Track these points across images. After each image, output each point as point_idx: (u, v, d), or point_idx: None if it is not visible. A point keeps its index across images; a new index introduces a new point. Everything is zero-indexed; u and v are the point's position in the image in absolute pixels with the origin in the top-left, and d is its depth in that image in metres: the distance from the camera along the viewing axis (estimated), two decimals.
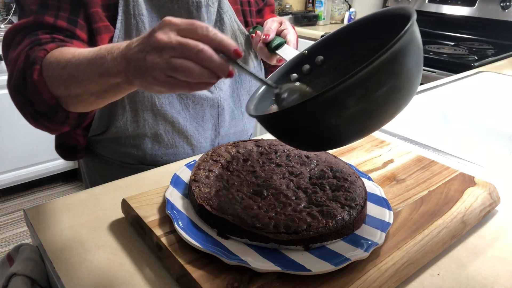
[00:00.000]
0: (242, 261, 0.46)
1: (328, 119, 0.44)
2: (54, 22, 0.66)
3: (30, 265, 0.56)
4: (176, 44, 0.44)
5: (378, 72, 0.41)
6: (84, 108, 0.62)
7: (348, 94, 0.41)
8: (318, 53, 0.63)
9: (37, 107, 0.60)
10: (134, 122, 0.78)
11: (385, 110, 0.45)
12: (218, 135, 0.88)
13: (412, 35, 0.43)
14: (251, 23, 0.92)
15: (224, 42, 0.46)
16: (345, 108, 0.42)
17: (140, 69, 0.47)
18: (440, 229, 0.55)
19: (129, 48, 0.49)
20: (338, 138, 0.47)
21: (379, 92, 0.42)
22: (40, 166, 2.23)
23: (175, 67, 0.44)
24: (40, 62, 0.59)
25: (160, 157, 0.82)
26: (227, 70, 0.47)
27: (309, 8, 2.75)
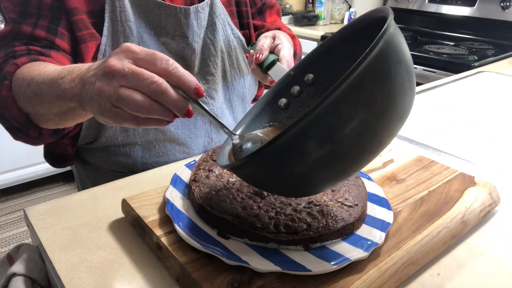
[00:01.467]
0: (242, 261, 0.46)
1: (291, 168, 0.37)
2: (32, 31, 0.64)
3: (30, 265, 0.56)
4: (128, 72, 0.40)
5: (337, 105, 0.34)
6: (54, 126, 0.60)
7: (306, 137, 0.35)
8: (307, 71, 0.57)
9: (11, 122, 0.59)
10: (124, 131, 0.76)
11: (363, 148, 0.38)
12: (211, 142, 0.87)
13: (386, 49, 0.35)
14: (247, 25, 0.89)
15: (183, 78, 0.42)
16: (306, 154, 0.36)
17: (90, 94, 0.43)
18: (440, 229, 0.55)
19: (88, 70, 0.45)
20: (314, 185, 0.41)
21: (346, 130, 0.35)
22: (40, 166, 2.23)
23: (121, 97, 0.40)
24: (9, 78, 0.57)
25: (151, 165, 0.80)
26: (184, 108, 0.42)
27: (309, 8, 2.75)
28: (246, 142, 0.50)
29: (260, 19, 0.94)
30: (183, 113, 0.43)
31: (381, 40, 0.35)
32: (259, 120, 0.58)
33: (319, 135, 0.35)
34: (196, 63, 0.80)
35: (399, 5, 2.40)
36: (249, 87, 0.90)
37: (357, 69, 0.34)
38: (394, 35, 0.37)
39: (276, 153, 0.36)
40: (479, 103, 1.18)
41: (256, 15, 0.94)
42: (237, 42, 0.86)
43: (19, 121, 0.59)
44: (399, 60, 0.37)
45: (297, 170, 0.37)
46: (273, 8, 0.96)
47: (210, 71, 0.82)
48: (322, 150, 0.35)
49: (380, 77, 0.35)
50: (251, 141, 0.50)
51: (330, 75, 0.55)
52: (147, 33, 0.74)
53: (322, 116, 0.34)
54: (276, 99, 0.59)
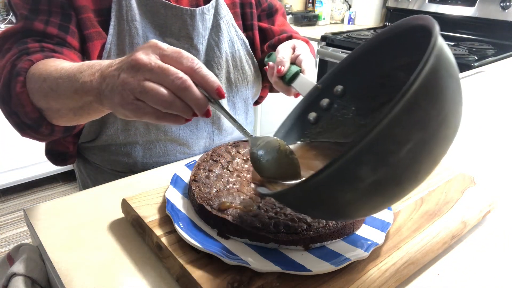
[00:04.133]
0: (242, 261, 0.46)
1: (342, 195, 0.36)
2: (44, 28, 0.64)
3: (30, 265, 0.56)
4: (155, 66, 0.41)
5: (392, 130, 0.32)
6: (66, 123, 0.60)
7: (358, 163, 0.33)
8: (335, 83, 0.55)
9: (22, 119, 0.59)
10: (125, 130, 0.77)
11: (418, 169, 0.36)
12: (212, 143, 0.87)
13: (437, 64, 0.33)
14: (250, 27, 0.89)
15: (207, 78, 0.43)
16: (359, 180, 0.34)
17: (111, 86, 0.44)
18: (440, 229, 0.55)
19: (109, 65, 0.46)
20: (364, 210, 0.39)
21: (401, 153, 0.33)
22: (40, 166, 2.23)
23: (146, 90, 0.41)
24: (24, 74, 0.57)
25: (151, 166, 0.80)
26: (204, 107, 0.43)
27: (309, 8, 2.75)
28: (263, 146, 0.49)
29: (268, 22, 0.94)
30: (202, 112, 0.43)
31: (431, 56, 0.32)
32: (290, 136, 0.56)
33: (373, 160, 0.33)
34: None
35: (399, 5, 2.40)
36: (251, 89, 0.90)
37: (410, 89, 0.31)
38: (443, 48, 0.34)
39: (325, 182, 0.34)
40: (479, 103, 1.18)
41: (264, 17, 0.94)
42: (241, 43, 0.87)
43: (32, 117, 0.58)
44: (450, 74, 0.35)
45: (347, 197, 0.36)
46: (280, 11, 0.97)
47: (214, 72, 0.82)
48: (376, 175, 0.33)
49: (434, 94, 0.33)
50: (268, 146, 0.49)
51: (361, 85, 0.53)
52: (152, 33, 0.75)
53: (376, 140, 0.32)
54: (306, 114, 0.57)
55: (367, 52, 0.52)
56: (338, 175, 0.34)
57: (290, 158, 0.49)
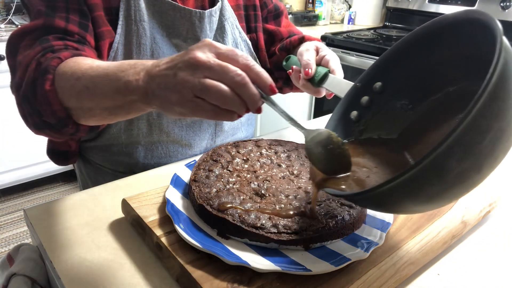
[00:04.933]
0: (242, 261, 0.46)
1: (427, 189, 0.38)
2: (65, 26, 0.63)
3: (30, 265, 0.56)
4: (214, 64, 0.42)
5: (477, 121, 0.34)
6: (96, 122, 0.59)
7: (447, 157, 0.35)
8: (374, 80, 0.56)
9: (45, 118, 0.57)
10: (128, 130, 0.77)
11: (496, 155, 0.39)
12: (214, 144, 0.87)
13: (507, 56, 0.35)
14: (254, 29, 0.90)
15: (261, 75, 0.44)
16: (446, 173, 0.36)
17: (165, 85, 0.44)
18: (440, 229, 0.55)
19: (156, 65, 0.46)
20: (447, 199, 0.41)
21: (484, 142, 0.36)
22: (40, 166, 2.22)
23: (207, 87, 0.42)
24: (53, 72, 0.56)
25: (152, 167, 0.80)
26: (258, 102, 0.44)
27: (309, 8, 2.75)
28: (318, 138, 0.51)
29: (275, 23, 0.95)
30: (256, 107, 0.45)
31: (502, 49, 0.35)
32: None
33: (460, 152, 0.35)
34: None
35: (399, 5, 2.40)
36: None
37: (490, 82, 0.34)
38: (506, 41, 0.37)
39: (415, 178, 0.36)
40: None
41: (271, 19, 0.95)
42: (244, 45, 0.87)
43: (58, 116, 0.56)
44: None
45: (434, 189, 0.38)
46: (284, 12, 0.98)
47: None
48: (461, 166, 0.36)
49: (508, 85, 0.36)
50: (322, 137, 0.51)
51: (400, 80, 0.55)
52: (159, 34, 0.75)
53: (464, 133, 0.34)
54: (347, 113, 0.58)
55: (406, 48, 0.53)
56: (429, 169, 0.36)
57: (343, 149, 0.50)
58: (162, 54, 0.75)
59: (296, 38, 0.88)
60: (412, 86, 0.54)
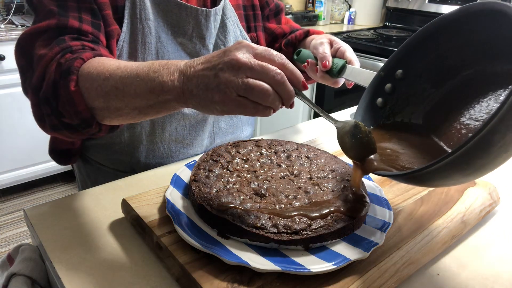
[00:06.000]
0: (242, 261, 0.46)
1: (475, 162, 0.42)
2: (79, 26, 0.63)
3: (30, 265, 0.56)
4: (256, 65, 0.45)
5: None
6: (121, 122, 0.59)
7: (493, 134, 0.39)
8: (396, 68, 0.61)
9: (67, 119, 0.57)
10: (131, 128, 0.77)
11: None
12: (213, 142, 0.88)
13: None
14: (254, 28, 0.91)
15: (295, 72, 0.47)
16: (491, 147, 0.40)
17: (206, 86, 0.46)
18: (440, 229, 0.55)
19: (190, 66, 0.48)
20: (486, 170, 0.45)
21: None
22: (40, 166, 2.23)
23: (251, 87, 0.44)
24: (76, 72, 0.55)
25: (153, 166, 0.80)
26: (292, 98, 0.47)
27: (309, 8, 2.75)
28: (348, 128, 0.54)
29: (276, 21, 0.97)
30: (290, 103, 0.48)
31: None
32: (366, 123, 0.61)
33: (503, 127, 0.39)
34: None
35: (399, 5, 2.40)
36: None
37: None
38: None
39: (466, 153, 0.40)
40: None
41: (272, 17, 0.97)
42: None
43: (83, 117, 0.56)
44: None
45: (480, 162, 0.42)
46: (283, 10, 1.00)
47: None
48: (503, 140, 0.40)
49: None
50: (351, 127, 0.54)
51: (420, 65, 0.59)
52: (164, 33, 0.75)
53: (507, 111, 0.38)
54: (373, 100, 0.62)
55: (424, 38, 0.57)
56: (478, 145, 0.39)
57: (370, 137, 0.53)
58: (166, 53, 0.75)
59: (302, 32, 0.91)
60: (432, 71, 0.59)
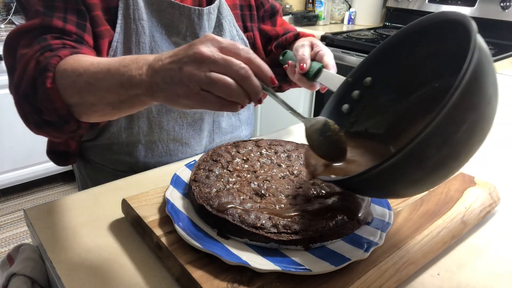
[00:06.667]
0: (242, 261, 0.46)
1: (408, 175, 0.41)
2: (63, 26, 0.63)
3: (30, 265, 0.56)
4: (219, 59, 0.44)
5: (453, 113, 0.36)
6: (98, 118, 0.59)
7: (426, 147, 0.38)
8: (364, 75, 0.59)
9: (46, 116, 0.58)
10: (128, 128, 0.77)
11: (471, 145, 0.41)
12: (212, 142, 0.88)
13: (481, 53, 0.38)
14: (250, 28, 0.91)
15: (262, 67, 0.46)
16: (426, 160, 0.39)
17: (171, 79, 0.45)
18: (440, 229, 0.55)
19: (158, 59, 0.48)
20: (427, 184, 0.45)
21: (459, 133, 0.38)
22: (40, 166, 2.23)
23: (213, 81, 0.43)
24: (53, 69, 0.56)
25: (152, 166, 0.81)
26: (260, 94, 0.46)
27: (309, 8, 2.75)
28: (317, 125, 0.53)
29: (271, 22, 0.96)
30: (257, 98, 0.46)
31: (476, 47, 0.37)
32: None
33: (438, 141, 0.38)
34: None
35: (399, 5, 2.40)
36: None
37: (465, 77, 0.36)
38: (481, 39, 0.39)
39: (396, 165, 0.39)
40: None
41: (267, 18, 0.96)
42: (241, 43, 0.88)
43: (60, 113, 0.57)
44: (489, 61, 0.40)
45: (415, 175, 0.41)
46: (280, 11, 0.99)
47: None
48: (439, 154, 0.39)
49: (481, 80, 0.38)
50: (320, 125, 0.53)
51: (388, 74, 0.57)
52: (158, 32, 0.75)
53: (441, 124, 0.36)
54: (339, 106, 0.61)
55: (394, 45, 0.56)
56: (410, 157, 0.38)
57: (340, 136, 0.53)
58: (161, 52, 0.75)
59: (292, 35, 0.90)
60: (400, 81, 0.57)
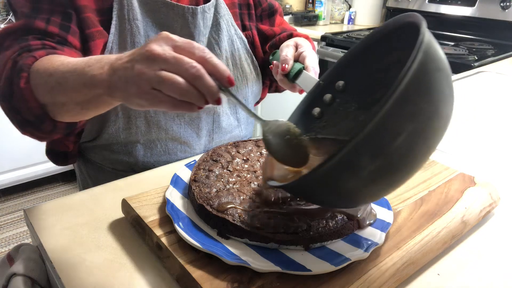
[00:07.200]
0: (242, 261, 0.46)
1: (345, 184, 0.38)
2: (45, 27, 0.64)
3: (30, 265, 0.56)
4: (170, 57, 0.43)
5: (385, 122, 0.34)
6: (71, 118, 0.60)
7: (357, 155, 0.35)
8: (337, 79, 0.57)
9: (24, 115, 0.59)
10: (127, 129, 0.77)
11: (414, 157, 0.38)
12: (212, 141, 0.87)
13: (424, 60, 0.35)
14: (249, 27, 0.90)
15: (218, 67, 0.45)
16: (360, 170, 0.36)
17: (125, 78, 0.45)
18: (440, 229, 0.55)
19: (119, 58, 0.48)
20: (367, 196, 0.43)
21: (396, 143, 0.35)
22: (40, 166, 2.23)
23: (163, 79, 0.43)
24: (27, 70, 0.57)
25: (152, 165, 0.81)
26: (216, 94, 0.45)
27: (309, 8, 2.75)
28: (275, 128, 0.52)
29: (269, 22, 0.95)
30: (214, 99, 0.45)
31: (419, 52, 0.35)
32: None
33: (370, 151, 0.35)
34: None
35: (399, 5, 2.40)
36: (251, 88, 0.91)
37: (401, 85, 0.34)
38: (430, 43, 0.36)
39: (328, 173, 0.37)
40: (479, 103, 1.18)
41: (266, 17, 0.95)
42: (240, 42, 0.87)
43: (35, 113, 0.58)
44: (438, 68, 0.37)
45: (350, 185, 0.39)
46: (279, 10, 0.98)
47: None
48: (374, 164, 0.36)
49: (423, 88, 0.35)
50: (279, 128, 0.51)
51: (360, 80, 0.55)
52: (153, 32, 0.75)
53: (373, 133, 0.34)
54: (310, 109, 0.59)
55: (364, 49, 0.54)
56: (341, 165, 0.36)
57: (300, 140, 0.51)
58: None
59: (285, 35, 0.90)
60: (368, 87, 0.55)
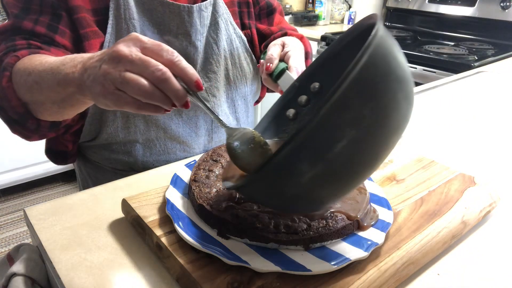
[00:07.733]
0: (242, 261, 0.46)
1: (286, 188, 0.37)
2: (32, 27, 0.65)
3: (30, 265, 0.56)
4: (136, 58, 0.43)
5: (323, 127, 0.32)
6: (51, 117, 0.61)
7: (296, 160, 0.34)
8: (312, 80, 0.56)
9: (9, 114, 0.60)
10: (125, 128, 0.77)
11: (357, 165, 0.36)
12: (211, 141, 0.87)
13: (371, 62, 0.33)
14: (248, 26, 0.90)
15: (186, 70, 0.44)
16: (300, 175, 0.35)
17: (93, 77, 0.46)
18: (440, 229, 0.55)
19: (91, 57, 0.48)
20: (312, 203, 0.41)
21: (336, 149, 0.34)
22: (40, 166, 2.23)
23: (126, 80, 0.42)
24: (10, 69, 0.59)
25: (151, 164, 0.81)
26: (183, 98, 0.44)
27: (309, 8, 2.75)
28: (239, 136, 0.51)
29: (268, 21, 0.95)
30: (181, 103, 0.45)
31: (365, 55, 0.32)
32: (268, 132, 0.57)
33: (309, 156, 0.34)
34: (199, 61, 0.81)
35: (399, 5, 2.40)
36: (251, 87, 0.91)
37: (340, 89, 0.32)
38: (381, 45, 0.34)
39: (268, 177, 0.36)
40: (479, 103, 1.18)
41: (264, 16, 0.95)
42: (239, 41, 0.87)
43: (17, 111, 0.60)
44: (387, 71, 0.34)
45: (292, 190, 0.37)
46: (278, 9, 0.98)
47: (213, 69, 0.82)
48: (314, 170, 0.35)
49: (367, 93, 0.33)
50: (244, 136, 0.51)
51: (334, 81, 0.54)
52: (150, 31, 0.75)
53: (310, 137, 0.33)
54: (285, 110, 0.58)
55: (338, 50, 0.53)
56: (279, 169, 0.35)
57: (264, 149, 0.50)
58: None
59: (280, 34, 0.90)
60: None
